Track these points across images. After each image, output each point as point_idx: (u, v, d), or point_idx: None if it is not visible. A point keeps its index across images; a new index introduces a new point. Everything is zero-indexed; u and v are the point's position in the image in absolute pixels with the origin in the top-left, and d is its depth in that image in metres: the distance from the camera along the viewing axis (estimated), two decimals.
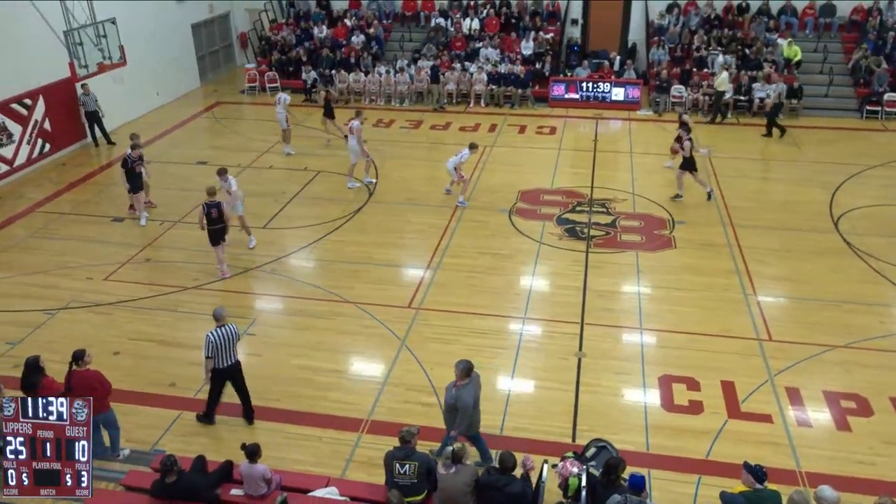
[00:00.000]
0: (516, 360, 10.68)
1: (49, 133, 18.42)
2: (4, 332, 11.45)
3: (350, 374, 10.50)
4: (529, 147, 19.32)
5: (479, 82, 22.74)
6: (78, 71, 15.65)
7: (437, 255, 13.66)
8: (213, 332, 8.98)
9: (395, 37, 25.86)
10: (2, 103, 16.95)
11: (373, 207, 15.72)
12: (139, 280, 12.93)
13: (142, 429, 9.37)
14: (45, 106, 18.17)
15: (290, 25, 26.18)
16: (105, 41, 16.27)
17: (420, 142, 19.80)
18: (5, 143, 17.14)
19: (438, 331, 11.35)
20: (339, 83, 23.38)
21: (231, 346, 9.08)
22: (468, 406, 8.07)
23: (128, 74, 19.72)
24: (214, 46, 26.72)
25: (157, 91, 22.72)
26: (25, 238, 14.68)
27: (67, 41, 15.21)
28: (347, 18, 25.87)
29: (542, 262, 13.41)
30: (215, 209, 12.52)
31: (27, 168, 17.81)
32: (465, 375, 8.10)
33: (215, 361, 9.06)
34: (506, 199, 15.96)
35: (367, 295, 12.35)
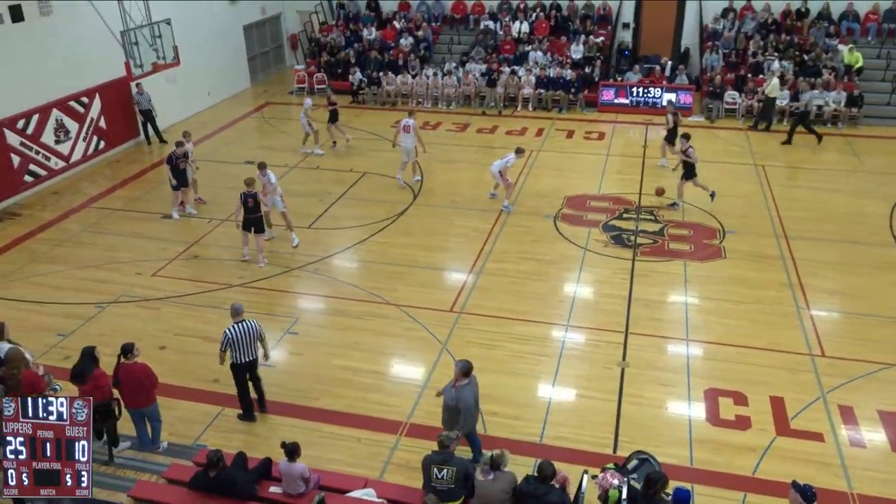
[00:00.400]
0: (558, 367, 10.60)
1: (104, 131, 18.98)
2: (56, 324, 11.83)
3: (390, 376, 10.56)
4: (577, 152, 19.17)
5: (528, 86, 22.67)
6: (133, 70, 16.10)
7: (481, 259, 13.65)
8: (230, 328, 9.14)
9: (444, 39, 25.95)
10: (60, 101, 17.54)
11: (417, 210, 15.79)
12: (186, 276, 13.22)
13: (184, 423, 9.56)
14: (101, 104, 18.74)
15: (340, 27, 26.49)
16: (160, 41, 16.70)
17: (466, 145, 19.82)
18: (63, 140, 17.72)
19: (480, 335, 11.33)
20: (386, 85, 23.56)
21: (251, 342, 9.21)
22: (470, 406, 8.13)
23: (181, 74, 20.23)
24: (265, 47, 27.21)
25: (208, 91, 23.22)
26: (79, 232, 15.15)
27: (124, 41, 15.65)
28: (396, 20, 26.07)
29: (586, 269, 13.28)
30: (252, 198, 13.14)
31: (83, 164, 18.39)
32: (463, 375, 8.17)
33: (234, 356, 9.21)
34: (551, 205, 15.87)
35: (409, 297, 12.40)
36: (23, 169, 16.68)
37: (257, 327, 9.30)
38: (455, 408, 8.12)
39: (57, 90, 17.42)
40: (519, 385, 10.22)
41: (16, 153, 16.44)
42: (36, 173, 17.04)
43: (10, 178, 16.37)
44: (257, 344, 9.36)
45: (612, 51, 24.34)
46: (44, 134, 17.13)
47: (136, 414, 8.76)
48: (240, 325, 9.15)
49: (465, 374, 8.19)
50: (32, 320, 11.90)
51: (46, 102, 17.14)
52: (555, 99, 22.59)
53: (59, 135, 17.60)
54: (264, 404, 9.80)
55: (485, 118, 22.05)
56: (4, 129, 16.08)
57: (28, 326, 11.55)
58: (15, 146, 16.39)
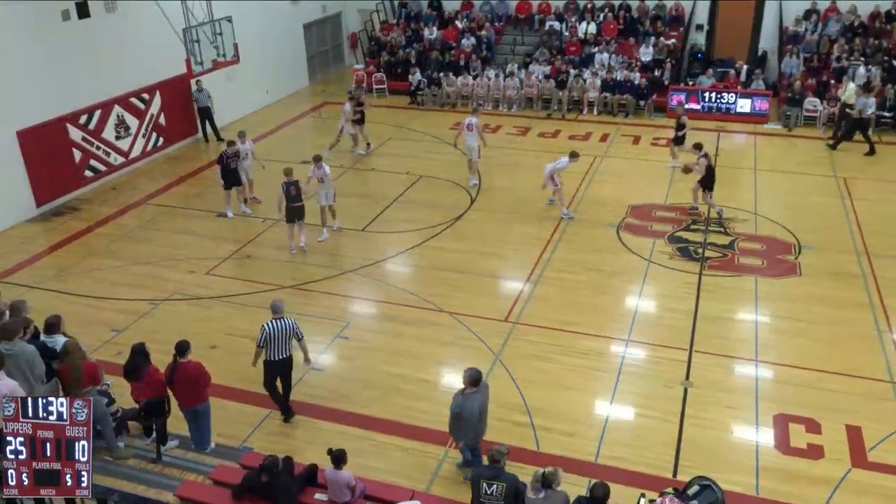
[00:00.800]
0: (616, 384, 10.46)
1: (163, 127, 19.61)
2: (111, 319, 12.25)
3: (441, 386, 10.57)
4: (643, 159, 18.91)
5: (593, 89, 22.47)
6: (193, 67, 16.57)
7: (539, 267, 13.57)
8: (268, 324, 9.32)
9: (507, 40, 25.96)
10: (122, 97, 18.21)
11: (474, 215, 15.81)
12: (239, 276, 13.53)
13: (232, 424, 9.77)
14: (161, 101, 19.38)
15: (401, 26, 26.77)
16: (220, 39, 17.14)
17: (527, 149, 19.76)
18: (123, 136, 18.39)
19: (535, 347, 11.27)
20: (446, 86, 23.68)
21: (286, 340, 9.39)
22: (473, 415, 8.12)
23: (240, 72, 20.76)
24: (324, 46, 27.70)
25: (266, 89, 23.75)
26: (136, 228, 15.67)
27: (185, 38, 16.14)
28: (459, 20, 26.21)
29: (650, 281, 13.08)
30: (294, 187, 13.78)
31: (141, 160, 19.03)
32: (471, 384, 8.17)
33: (269, 353, 9.39)
34: (614, 214, 15.68)
35: (462, 305, 12.42)
36: (84, 164, 17.36)
37: (295, 326, 9.47)
38: (459, 415, 8.17)
39: (119, 86, 18.09)
40: (574, 400, 10.12)
41: (77, 148, 17.13)
42: (96, 168, 17.71)
43: (72, 173, 17.06)
44: (292, 343, 9.53)
45: (683, 53, 23.96)
46: (105, 130, 17.80)
47: (189, 412, 8.98)
48: (278, 321, 9.35)
49: (474, 382, 8.20)
50: (88, 314, 12.35)
51: (108, 98, 17.81)
52: (621, 103, 22.34)
53: (120, 131, 18.26)
54: (288, 408, 9.90)
55: (547, 122, 21.96)
56: (67, 124, 16.77)
57: (83, 320, 11.99)
58: (77, 141, 17.08)
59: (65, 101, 16.65)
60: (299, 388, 10.40)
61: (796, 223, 15.07)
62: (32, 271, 13.95)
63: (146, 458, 8.80)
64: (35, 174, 16.06)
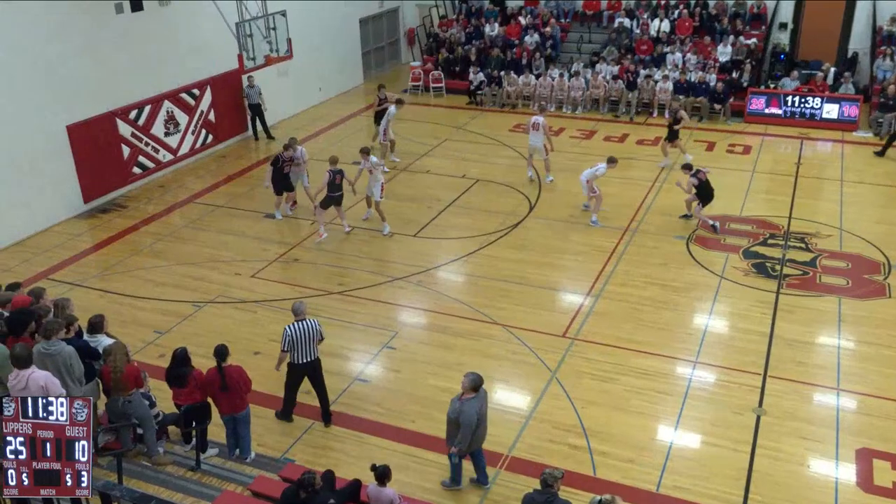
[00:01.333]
0: (682, 408, 10.26)
1: (213, 124, 20.10)
2: (154, 321, 12.57)
3: (492, 403, 10.47)
4: (718, 167, 18.55)
5: (665, 91, 22.17)
6: (246, 63, 16.92)
7: (600, 280, 13.43)
8: (290, 326, 9.48)
9: (573, 37, 25.84)
10: (172, 92, 18.73)
11: (533, 222, 15.74)
12: (285, 280, 13.74)
13: (273, 434, 9.90)
14: (212, 97, 19.86)
15: (461, 22, 26.89)
16: (274, 34, 17.48)
17: (592, 154, 19.58)
18: (172, 133, 18.91)
19: (595, 366, 11.14)
20: (507, 86, 23.68)
21: (311, 342, 9.54)
22: (471, 422, 8.26)
23: (293, 68, 21.14)
24: (381, 42, 28.01)
25: (319, 86, 24.12)
26: (181, 228, 16.07)
27: (238, 33, 16.50)
28: (522, 16, 26.21)
29: (722, 299, 12.82)
30: (339, 175, 14.70)
31: (190, 158, 19.54)
32: (471, 389, 8.31)
33: (293, 356, 9.57)
34: (684, 225, 15.43)
35: (517, 318, 12.36)
36: (132, 160, 17.90)
37: (318, 327, 9.64)
38: (455, 421, 8.32)
39: (170, 81, 18.63)
40: (636, 424, 9.97)
41: (126, 144, 17.67)
42: (144, 165, 18.25)
43: (120, 169, 17.61)
44: (317, 348, 9.71)
45: (764, 54, 23.47)
46: (154, 126, 18.33)
47: (228, 420, 9.13)
48: (300, 323, 9.52)
49: (474, 388, 8.35)
50: (130, 315, 12.71)
51: (159, 93, 18.34)
52: (695, 106, 21.99)
53: (169, 127, 18.78)
54: (329, 416, 10.07)
55: (614, 125, 21.76)
56: (117, 119, 17.31)
57: (125, 321, 12.34)
58: (126, 137, 17.62)
59: (115, 95, 17.21)
60: (344, 400, 10.49)
61: (886, 240, 14.58)
62: (77, 269, 14.43)
63: (185, 465, 8.99)
64: (83, 170, 16.62)
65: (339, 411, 10.18)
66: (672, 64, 22.99)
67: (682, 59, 23.11)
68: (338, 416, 10.09)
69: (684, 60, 23.05)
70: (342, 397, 10.51)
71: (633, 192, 17.02)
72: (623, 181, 17.56)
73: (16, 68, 14.97)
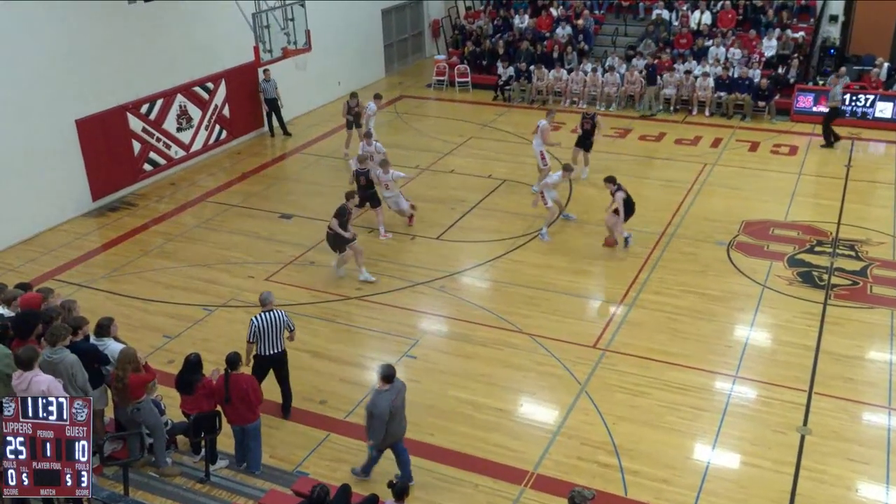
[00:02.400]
0: (720, 426, 10.20)
1: (227, 120, 20.30)
2: (163, 325, 12.72)
3: (517, 417, 10.53)
4: (761, 169, 18.44)
5: (705, 88, 22.04)
6: (262, 55, 17.04)
7: (634, 289, 13.38)
8: (257, 317, 9.83)
9: (607, 30, 25.79)
10: (186, 86, 18.94)
11: (563, 226, 15.72)
12: (300, 284, 13.84)
13: (286, 446, 9.98)
14: (227, 91, 20.06)
15: (489, 14, 26.93)
16: (292, 24, 17.59)
17: (626, 154, 19.54)
18: (185, 128, 19.12)
19: (627, 379, 11.10)
20: (537, 81, 23.68)
21: (276, 334, 9.84)
22: (383, 413, 8.54)
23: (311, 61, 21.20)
24: (404, 34, 28.13)
25: (339, 80, 24.26)
26: (193, 228, 16.25)
27: (255, 23, 16.64)
28: (553, 7, 26.19)
29: (764, 309, 12.72)
30: (363, 176, 14.95)
31: (203, 154, 19.75)
32: (383, 381, 8.65)
33: (259, 348, 9.88)
34: (725, 230, 15.33)
35: (545, 327, 12.35)
36: (143, 157, 18.12)
37: (286, 318, 9.96)
38: (371, 414, 8.66)
39: (183, 74, 18.84)
40: (670, 442, 9.92)
41: (137, 139, 17.90)
42: (156, 162, 18.47)
43: (130, 166, 17.84)
44: (283, 340, 10.01)
45: (813, 48, 23.25)
46: (166, 120, 18.55)
47: (238, 430, 9.21)
48: (268, 314, 9.84)
49: (386, 379, 8.65)
50: (139, 318, 12.87)
51: (172, 87, 18.55)
52: (737, 104, 21.84)
53: (182, 122, 18.99)
54: (289, 410, 10.32)
55: (651, 123, 21.66)
56: (128, 113, 17.55)
57: (134, 324, 12.50)
58: (137, 132, 17.85)
59: (126, 88, 17.43)
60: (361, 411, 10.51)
61: None
62: (84, 269, 14.64)
63: (194, 477, 9.08)
64: (92, 166, 16.86)
65: (355, 423, 10.22)
66: (713, 59, 22.84)
67: (725, 53, 22.97)
68: (354, 427, 10.13)
69: (727, 55, 22.90)
70: (358, 408, 10.54)
71: (670, 194, 16.94)
72: (660, 183, 17.48)
73: (23, 59, 15.21)
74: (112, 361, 8.82)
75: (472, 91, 25.07)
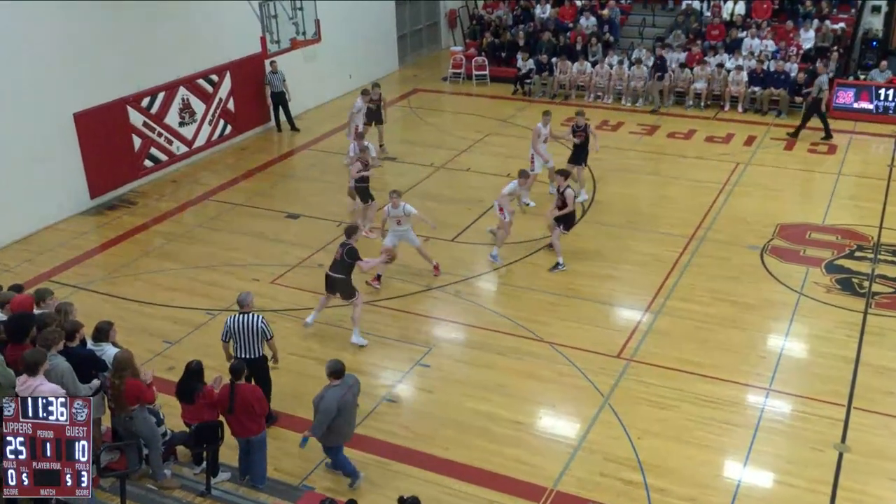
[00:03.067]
0: (752, 442, 10.15)
1: (232, 114, 20.39)
2: (164, 330, 12.79)
3: (535, 430, 10.51)
4: (798, 168, 18.36)
5: (738, 82, 21.96)
6: (269, 47, 17.12)
7: (661, 295, 13.34)
8: (231, 318, 10.00)
9: (634, 20, 25.75)
10: (189, 78, 19.04)
11: (586, 228, 15.69)
12: (308, 287, 13.87)
13: (292, 459, 9.98)
14: (232, 84, 20.15)
15: (508, 3, 26.94)
16: (301, 14, 17.68)
17: (652, 153, 19.50)
18: (187, 122, 19.22)
19: (653, 391, 11.07)
20: (559, 74, 23.65)
21: (251, 338, 9.92)
22: (329, 409, 8.78)
23: (321, 53, 21.34)
24: (418, 25, 28.20)
25: (350, 73, 24.32)
26: (195, 227, 16.33)
27: (262, 13, 16.73)
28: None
29: (800, 319, 12.66)
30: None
31: (206, 150, 19.85)
32: (332, 376, 8.93)
33: (236, 351, 9.98)
34: (758, 234, 15.26)
35: (566, 335, 12.33)
36: (143, 153, 18.23)
37: (262, 326, 9.95)
38: (316, 408, 8.90)
39: (186, 66, 18.93)
40: (698, 459, 9.89)
41: (138, 134, 18.00)
42: (157, 158, 18.58)
43: (131, 162, 17.94)
44: (261, 346, 10.05)
45: (854, 41, 23.11)
46: (168, 115, 18.66)
47: (242, 442, 9.24)
48: (243, 317, 9.95)
49: (334, 375, 8.93)
50: (138, 322, 12.94)
51: (174, 79, 18.66)
52: (773, 99, 21.75)
53: (184, 116, 19.09)
54: (269, 419, 10.22)
55: (681, 120, 21.60)
56: (128, 106, 17.65)
57: (133, 328, 12.56)
58: (137, 127, 17.95)
59: (126, 80, 17.51)
60: (369, 422, 10.56)
61: None
62: (81, 270, 14.74)
63: (194, 490, 9.11)
64: (91, 162, 16.96)
65: (363, 434, 10.24)
66: (747, 51, 22.74)
67: (759, 45, 22.86)
68: (364, 440, 10.15)
69: (761, 47, 22.80)
70: (368, 419, 10.57)
71: (700, 195, 16.87)
72: (689, 183, 17.42)
73: (19, 49, 15.29)
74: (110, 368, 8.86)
75: (490, 85, 25.09)
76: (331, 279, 12.26)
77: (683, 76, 22.57)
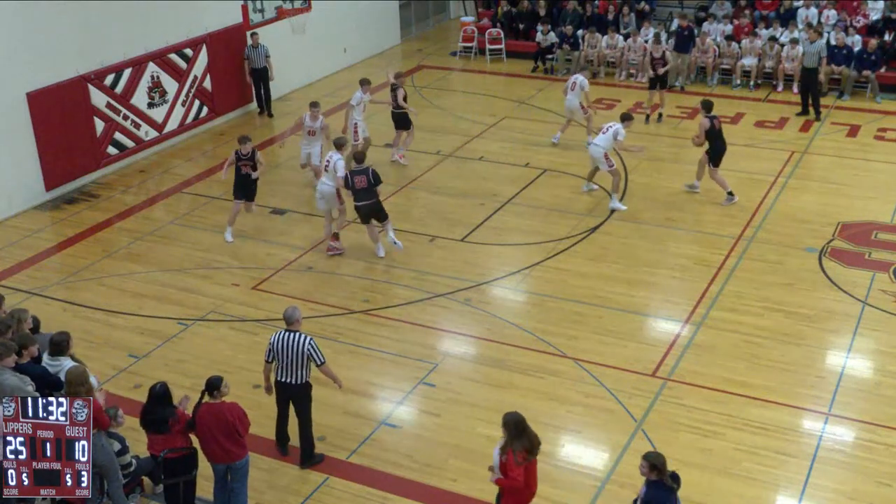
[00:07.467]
0: (809, 475, 10.15)
1: (208, 94, 20.45)
2: (128, 341, 12.83)
3: (558, 460, 10.51)
4: (862, 159, 18.32)
5: (793, 59, 21.91)
6: (252, 17, 17.16)
7: (703, 304, 13.34)
8: (276, 335, 9.91)
9: None
10: (160, 52, 19.07)
11: (617, 226, 15.69)
12: (296, 294, 13.89)
13: (275, 491, 10.00)
14: (209, 59, 20.18)
15: None
16: None
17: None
18: (157, 103, 19.26)
19: (694, 416, 11.07)
20: (586, 47, 23.63)
21: (296, 360, 9.80)
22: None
23: (311, 23, 21.34)
24: None
25: (344, 47, 24.35)
26: (166, 224, 16.38)
27: None
28: None
29: (865, 332, 12.65)
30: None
31: (179, 136, 19.93)
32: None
33: (278, 372, 9.93)
34: (816, 234, 15.26)
35: (594, 350, 12.34)
36: (107, 138, 18.29)
37: (309, 350, 9.80)
38: None
39: (156, 38, 18.94)
40: (747, 494, 9.90)
41: (101, 117, 18.05)
42: (122, 145, 18.65)
43: (92, 149, 17.99)
44: (306, 371, 9.94)
45: None
46: (135, 95, 18.71)
47: (221, 470, 9.23)
48: (288, 335, 9.84)
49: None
50: (100, 333, 12.99)
51: (143, 54, 18.69)
52: (834, 78, 21.69)
53: (154, 96, 19.15)
54: (308, 459, 10.26)
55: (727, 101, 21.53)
56: (90, 85, 17.70)
57: (95, 341, 12.63)
58: (100, 108, 17.99)
59: (88, 55, 17.56)
60: (366, 450, 10.57)
61: None
62: (35, 273, 14.79)
63: None
64: (47, 149, 17.01)
65: (359, 464, 10.26)
66: (804, 22, 22.69)
67: (818, 16, 22.81)
68: (357, 469, 10.17)
69: (820, 18, 22.73)
70: (364, 446, 10.58)
71: (749, 189, 16.84)
72: (737, 175, 17.35)
73: None
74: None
75: (506, 61, 25.13)
76: (365, 208, 14.27)
77: (730, 51, 22.55)
